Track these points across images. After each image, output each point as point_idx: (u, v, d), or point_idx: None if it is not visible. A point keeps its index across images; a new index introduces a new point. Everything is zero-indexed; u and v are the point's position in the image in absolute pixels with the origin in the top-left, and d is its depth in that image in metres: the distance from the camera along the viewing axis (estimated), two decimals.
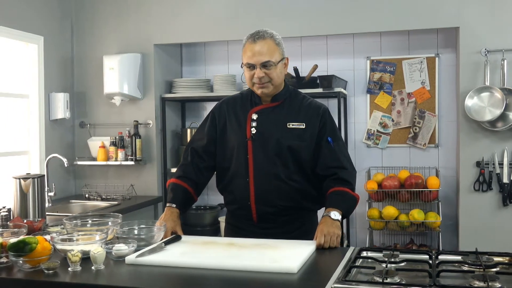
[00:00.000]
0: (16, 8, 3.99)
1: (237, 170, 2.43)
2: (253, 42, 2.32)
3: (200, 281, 1.79)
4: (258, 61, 2.30)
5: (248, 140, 2.39)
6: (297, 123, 2.39)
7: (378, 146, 4.38)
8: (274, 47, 2.32)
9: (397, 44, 4.33)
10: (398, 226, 4.04)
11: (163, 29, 4.42)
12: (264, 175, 2.38)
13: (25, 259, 1.88)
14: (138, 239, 2.19)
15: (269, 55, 2.30)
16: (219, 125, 2.49)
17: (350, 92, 4.42)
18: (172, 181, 2.51)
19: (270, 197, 2.38)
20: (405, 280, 1.67)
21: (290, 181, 2.38)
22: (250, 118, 2.42)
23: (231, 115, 2.48)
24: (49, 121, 4.32)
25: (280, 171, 2.37)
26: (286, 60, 2.40)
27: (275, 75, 2.33)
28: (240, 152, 2.41)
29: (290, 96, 2.46)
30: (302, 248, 2.08)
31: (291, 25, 4.16)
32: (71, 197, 4.39)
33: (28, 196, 2.73)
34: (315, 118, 2.41)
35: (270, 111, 2.43)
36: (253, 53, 2.31)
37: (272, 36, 2.35)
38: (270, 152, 2.37)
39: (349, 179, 2.38)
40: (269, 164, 2.37)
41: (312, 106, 2.44)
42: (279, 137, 2.37)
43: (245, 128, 2.42)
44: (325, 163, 2.38)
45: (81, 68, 4.63)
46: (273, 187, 2.37)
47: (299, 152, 2.38)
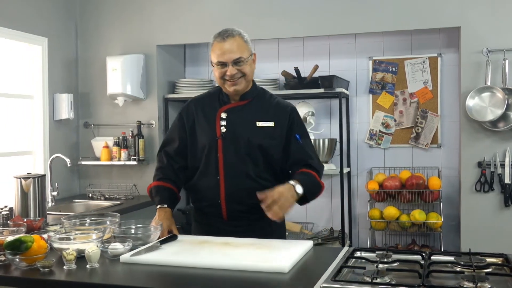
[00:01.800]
0: (21, 10, 4.03)
1: (208, 169, 2.44)
2: (223, 41, 2.34)
3: (193, 280, 1.81)
4: (230, 59, 2.32)
5: (218, 139, 2.41)
6: (266, 122, 2.42)
7: (380, 146, 4.38)
8: (243, 44, 2.36)
9: (399, 44, 4.33)
10: (399, 226, 4.04)
11: (166, 30, 4.45)
12: (234, 174, 2.40)
13: (21, 257, 1.91)
14: (135, 238, 2.22)
15: (240, 52, 2.33)
16: (188, 125, 2.51)
17: (352, 92, 4.42)
18: (154, 185, 2.53)
19: (240, 195, 2.39)
20: (395, 280, 1.68)
21: (260, 179, 2.40)
22: (219, 117, 2.44)
23: (199, 114, 2.50)
24: (54, 122, 4.36)
25: (251, 170, 2.39)
26: (254, 56, 2.43)
27: (248, 71, 2.36)
28: (211, 151, 2.43)
29: (258, 94, 2.50)
30: (295, 248, 2.09)
31: (293, 25, 4.17)
32: (75, 197, 4.43)
33: (28, 196, 2.76)
34: (283, 117, 2.44)
35: (239, 109, 2.45)
36: (223, 51, 2.33)
37: (240, 33, 2.39)
38: (241, 151, 2.40)
39: (316, 166, 2.41)
40: (239, 162, 2.40)
41: (280, 105, 2.48)
42: (249, 135, 2.40)
43: (214, 127, 2.43)
44: (294, 158, 2.42)
45: (85, 69, 4.67)
46: (244, 186, 2.38)
47: (269, 151, 2.41)
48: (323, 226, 4.47)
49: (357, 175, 4.43)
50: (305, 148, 2.44)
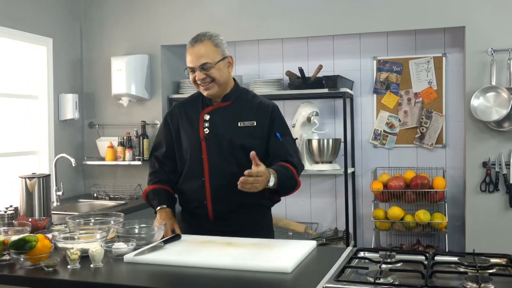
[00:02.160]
0: (25, 11, 4.05)
1: (192, 171, 2.48)
2: (192, 46, 2.40)
3: (196, 280, 1.81)
4: (197, 64, 2.37)
5: (201, 140, 2.45)
6: (248, 121, 2.45)
7: (385, 146, 4.37)
8: (212, 49, 2.38)
9: (403, 43, 4.32)
10: (404, 227, 4.03)
11: (170, 30, 4.45)
12: (219, 174, 2.43)
13: (25, 257, 1.92)
14: (139, 238, 2.23)
15: (207, 57, 2.36)
16: (173, 128, 2.56)
17: (357, 92, 4.41)
18: (150, 189, 2.57)
19: (226, 196, 2.42)
20: (398, 281, 1.68)
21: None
22: (202, 119, 2.48)
23: (183, 117, 2.54)
24: (59, 122, 4.38)
25: (236, 170, 2.39)
26: (229, 58, 2.45)
27: (217, 75, 2.38)
28: (195, 152, 2.46)
29: (241, 95, 2.53)
30: (298, 248, 2.09)
31: (297, 26, 4.17)
32: (80, 196, 4.45)
33: (33, 195, 2.78)
34: (265, 116, 2.47)
35: (221, 111, 2.49)
36: (192, 56, 2.38)
37: (211, 37, 2.40)
38: (224, 152, 2.43)
39: (295, 163, 2.43)
40: (224, 163, 2.43)
41: (262, 104, 2.51)
42: (232, 136, 2.43)
43: (198, 129, 2.47)
44: (274, 155, 2.45)
45: (89, 69, 4.69)
46: (229, 186, 2.37)
47: (252, 150, 2.37)
48: (328, 226, 4.47)
49: (362, 175, 4.42)
50: (285, 145, 2.47)
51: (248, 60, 4.67)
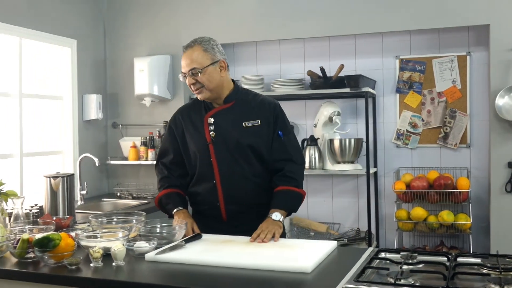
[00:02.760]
0: (51, 13, 4.12)
1: (203, 174, 2.51)
2: (183, 52, 2.45)
3: (216, 279, 1.82)
4: (186, 70, 2.42)
5: (209, 144, 2.48)
6: (252, 121, 2.48)
7: (407, 146, 4.32)
8: (200, 54, 2.41)
9: (427, 42, 4.27)
10: (427, 227, 3.99)
11: (192, 31, 4.48)
12: (230, 176, 2.46)
13: (49, 255, 1.96)
14: (160, 237, 2.25)
15: (195, 63, 2.40)
16: (178, 135, 2.58)
17: (379, 91, 4.38)
18: (163, 193, 2.60)
19: (238, 196, 2.46)
20: (419, 282, 1.66)
21: (255, 178, 2.48)
22: (207, 122, 2.51)
23: (187, 123, 2.57)
24: (83, 122, 4.45)
25: (245, 170, 2.46)
26: (221, 63, 2.45)
27: (205, 80, 2.41)
28: (203, 156, 2.49)
29: (241, 96, 2.55)
30: (319, 248, 2.09)
31: (319, 25, 4.16)
32: (104, 196, 4.50)
33: (58, 194, 2.82)
34: (268, 114, 2.50)
35: (225, 112, 2.51)
36: (183, 62, 2.44)
37: (201, 43, 2.44)
38: (233, 153, 2.46)
39: (294, 175, 2.48)
40: (233, 164, 2.46)
41: (264, 102, 2.54)
42: (238, 137, 2.46)
43: (203, 133, 2.50)
44: (274, 156, 2.49)
45: (113, 70, 4.75)
46: (240, 186, 2.45)
47: (259, 149, 2.47)
48: (350, 227, 4.44)
49: (384, 175, 4.38)
50: (286, 145, 2.51)
51: (270, 60, 4.67)
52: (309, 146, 4.24)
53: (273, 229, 2.30)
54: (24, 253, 2.03)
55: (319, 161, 4.22)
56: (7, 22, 3.69)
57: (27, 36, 3.89)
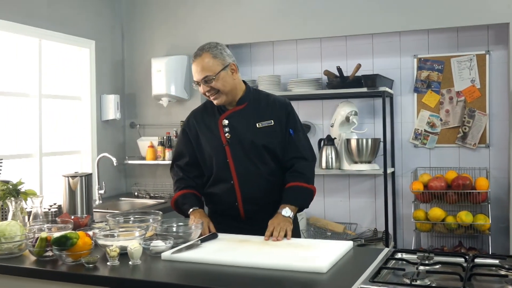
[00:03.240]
0: (70, 15, 4.17)
1: (220, 175, 2.54)
2: (193, 61, 2.48)
3: (231, 278, 1.83)
4: (199, 79, 2.45)
5: (225, 145, 2.51)
6: (265, 121, 2.52)
7: (425, 146, 4.28)
8: (210, 61, 2.43)
9: (445, 41, 4.22)
10: (445, 228, 3.95)
11: (209, 31, 4.50)
12: (246, 176, 2.50)
13: (67, 253, 1.98)
14: (176, 236, 2.26)
15: (207, 70, 2.42)
16: (192, 137, 2.61)
17: (397, 91, 4.34)
18: (179, 194, 2.62)
19: (255, 195, 2.50)
20: (436, 283, 1.65)
21: (271, 177, 2.53)
22: (221, 124, 2.54)
23: (201, 125, 2.60)
24: (101, 122, 4.49)
25: (261, 169, 2.50)
26: (231, 66, 2.49)
27: (220, 85, 2.44)
28: (219, 158, 2.52)
29: (254, 96, 2.59)
30: (335, 248, 2.08)
31: (336, 25, 4.14)
32: (122, 195, 4.54)
33: (76, 194, 2.86)
34: (281, 113, 2.55)
35: (238, 114, 2.54)
36: (194, 71, 2.47)
37: (209, 49, 2.46)
38: (248, 154, 2.50)
39: (304, 171, 2.53)
40: (249, 164, 2.50)
41: (276, 103, 2.58)
42: (253, 137, 2.50)
43: (219, 135, 2.53)
44: (286, 154, 2.54)
45: (131, 71, 4.79)
46: (257, 185, 2.50)
47: (274, 149, 2.52)
48: (367, 227, 4.42)
49: (402, 175, 4.35)
50: (296, 143, 2.55)
51: (286, 59, 4.66)
52: (326, 146, 4.23)
53: (284, 226, 2.33)
54: (42, 251, 2.06)
55: (336, 161, 4.20)
56: (27, 24, 3.74)
57: (46, 37, 3.94)
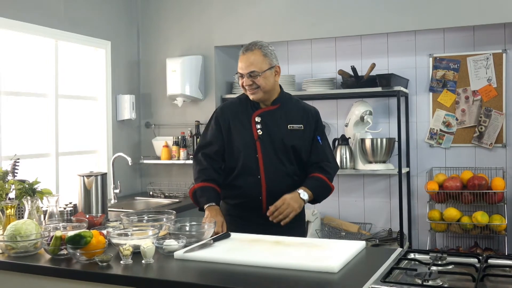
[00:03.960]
0: (86, 16, 4.22)
1: (247, 168, 2.62)
2: (243, 54, 2.58)
3: (242, 277, 1.83)
4: (245, 71, 2.56)
5: (256, 140, 2.60)
6: (296, 125, 2.64)
7: (441, 146, 4.25)
8: (260, 58, 2.56)
9: (461, 40, 4.19)
10: (460, 228, 3.91)
11: (224, 32, 4.51)
12: (274, 172, 2.60)
13: (81, 252, 2.01)
14: (189, 235, 2.28)
15: (255, 66, 2.54)
16: (224, 128, 2.67)
17: (412, 90, 4.32)
18: (199, 186, 2.65)
19: (279, 192, 2.56)
20: (448, 284, 1.64)
21: (295, 177, 2.64)
22: (254, 120, 2.63)
23: (234, 118, 2.67)
24: (116, 122, 4.53)
25: (288, 168, 2.62)
26: (276, 68, 2.62)
27: (263, 82, 2.56)
28: (249, 151, 2.61)
29: (286, 100, 2.70)
30: (347, 248, 2.08)
31: (350, 24, 4.13)
32: (137, 194, 4.58)
33: (91, 193, 2.89)
34: (311, 120, 2.69)
35: (271, 113, 2.65)
36: (242, 63, 2.57)
37: (261, 47, 2.58)
38: (277, 151, 2.61)
39: (329, 169, 2.67)
40: (277, 161, 2.60)
41: (306, 109, 2.72)
42: (283, 137, 2.61)
43: (251, 130, 2.62)
44: (313, 158, 2.67)
45: (146, 71, 4.82)
46: (283, 183, 2.59)
47: (300, 151, 2.63)
48: (382, 227, 4.40)
49: (417, 175, 4.32)
50: (324, 149, 2.70)
51: (301, 59, 4.66)
52: (340, 146, 4.22)
53: (292, 208, 2.46)
54: (57, 250, 2.09)
55: (350, 160, 4.19)
56: (43, 25, 3.79)
57: (62, 38, 3.99)
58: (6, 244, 2.15)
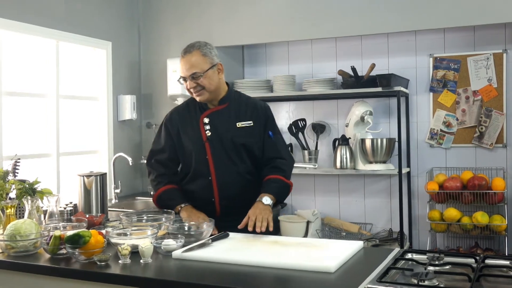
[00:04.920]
0: (86, 16, 4.23)
1: (199, 171, 2.64)
2: (183, 57, 2.58)
3: (240, 277, 1.85)
4: (187, 74, 2.56)
5: (205, 142, 2.61)
6: (245, 122, 2.64)
7: (441, 146, 4.25)
8: (200, 58, 2.55)
9: (461, 40, 4.18)
10: (461, 229, 3.91)
11: (224, 32, 4.52)
12: (225, 173, 2.61)
13: (79, 251, 2.02)
14: (188, 235, 2.29)
15: (196, 67, 2.54)
16: (174, 133, 2.70)
17: (412, 90, 4.32)
18: (163, 190, 2.70)
19: (232, 192, 2.60)
20: (444, 284, 1.65)
21: (247, 175, 2.66)
22: (202, 122, 2.64)
23: (182, 122, 2.69)
24: (117, 122, 4.54)
25: (239, 167, 2.62)
26: (218, 65, 2.61)
27: (206, 83, 2.56)
28: (199, 154, 2.62)
29: (235, 97, 2.70)
30: (344, 248, 2.09)
31: (350, 24, 4.13)
32: (137, 194, 4.59)
33: (91, 193, 2.89)
34: (260, 116, 2.69)
35: (219, 113, 2.65)
36: (183, 67, 2.57)
37: (199, 47, 2.57)
38: (227, 151, 2.61)
39: (284, 167, 2.66)
40: (228, 161, 2.61)
41: (256, 105, 2.72)
42: (232, 136, 2.61)
43: (199, 132, 2.63)
44: (266, 154, 2.68)
45: (147, 71, 4.83)
46: (235, 183, 2.61)
47: (252, 148, 2.63)
48: (382, 227, 4.40)
49: (417, 175, 4.32)
50: (276, 145, 2.70)
51: (301, 59, 4.66)
52: (341, 146, 4.22)
53: (266, 214, 2.43)
54: (56, 249, 2.10)
55: (350, 161, 4.20)
56: (44, 26, 3.81)
57: (63, 39, 4.00)
58: (6, 244, 2.16)
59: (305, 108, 4.66)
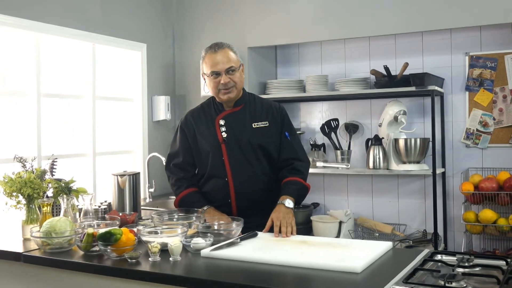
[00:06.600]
0: (122, 19, 4.32)
1: (215, 172, 2.65)
2: (214, 52, 2.58)
3: (267, 276, 1.86)
4: (223, 68, 2.57)
5: (221, 143, 2.62)
6: (261, 122, 2.67)
7: (478, 146, 4.16)
8: (233, 55, 2.62)
9: (498, 38, 4.08)
10: (497, 230, 3.82)
11: (256, 32, 4.54)
12: (241, 174, 2.62)
13: (111, 248, 2.07)
14: (217, 234, 2.32)
15: (232, 61, 2.59)
16: (190, 136, 2.72)
17: (447, 90, 4.24)
18: (186, 193, 2.75)
19: (248, 193, 2.61)
20: (472, 286, 1.62)
21: (263, 176, 2.67)
22: (218, 123, 2.66)
23: (198, 124, 2.71)
24: (152, 122, 4.62)
25: (256, 168, 2.63)
26: (242, 66, 2.68)
27: (238, 80, 2.62)
28: (215, 155, 2.64)
29: (249, 99, 2.71)
30: (372, 248, 2.08)
31: (384, 23, 4.09)
32: (171, 193, 4.61)
33: (124, 192, 2.96)
34: (276, 116, 2.71)
35: (235, 115, 2.66)
36: (216, 62, 2.57)
37: (229, 46, 2.63)
38: (244, 152, 2.62)
39: (302, 169, 2.68)
40: (244, 162, 2.62)
41: (271, 106, 2.75)
42: (249, 137, 2.61)
43: (215, 134, 2.65)
44: (283, 155, 2.69)
45: (181, 73, 4.90)
46: (251, 184, 2.62)
47: (268, 149, 2.64)
48: (416, 228, 4.34)
49: (453, 175, 4.24)
50: (293, 145, 2.71)
51: (334, 59, 4.64)
52: (374, 146, 4.19)
53: (290, 220, 2.43)
54: (89, 246, 2.16)
55: (383, 161, 4.16)
56: (81, 29, 3.91)
57: (100, 42, 4.10)
58: (42, 240, 2.24)
59: (338, 108, 4.63)
